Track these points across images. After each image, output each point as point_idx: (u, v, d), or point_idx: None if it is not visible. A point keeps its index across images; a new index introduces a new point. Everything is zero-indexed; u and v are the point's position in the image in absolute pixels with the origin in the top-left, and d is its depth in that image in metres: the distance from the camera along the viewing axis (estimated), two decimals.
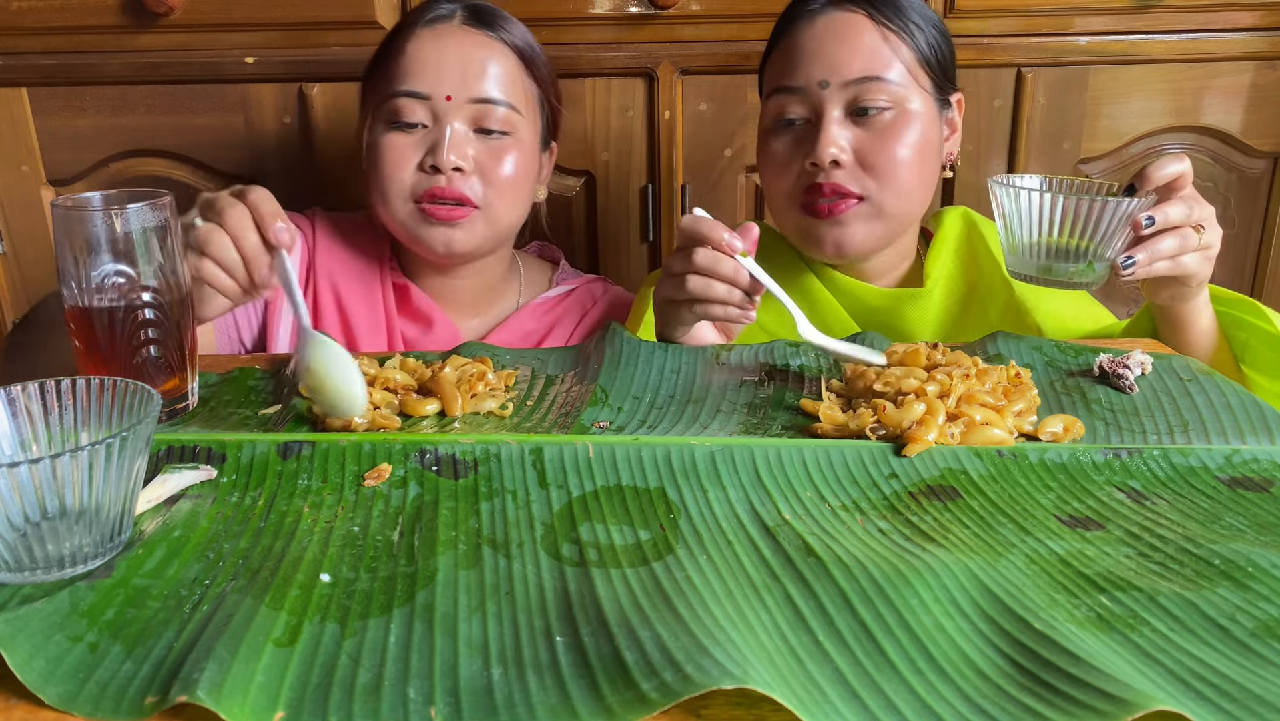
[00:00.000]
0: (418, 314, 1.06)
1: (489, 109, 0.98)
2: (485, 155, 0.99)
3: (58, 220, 0.65)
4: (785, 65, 0.96)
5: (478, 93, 0.98)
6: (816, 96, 0.93)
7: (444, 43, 0.99)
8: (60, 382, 0.53)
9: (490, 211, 1.00)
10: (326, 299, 1.05)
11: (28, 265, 1.39)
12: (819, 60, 0.93)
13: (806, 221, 0.95)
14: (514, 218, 1.04)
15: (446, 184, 0.97)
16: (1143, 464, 0.61)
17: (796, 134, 0.96)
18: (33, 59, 1.29)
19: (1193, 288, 0.82)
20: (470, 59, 0.98)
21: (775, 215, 1.02)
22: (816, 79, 0.93)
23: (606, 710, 0.38)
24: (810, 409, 0.67)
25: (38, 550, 0.47)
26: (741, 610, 0.45)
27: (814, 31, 0.95)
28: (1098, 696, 0.37)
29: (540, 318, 1.11)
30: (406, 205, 0.99)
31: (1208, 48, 1.32)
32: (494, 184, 0.99)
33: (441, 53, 0.98)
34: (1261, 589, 0.46)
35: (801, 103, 0.95)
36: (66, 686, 0.40)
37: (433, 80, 0.97)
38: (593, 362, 0.77)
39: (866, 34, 0.93)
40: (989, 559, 0.49)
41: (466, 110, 0.98)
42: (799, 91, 0.94)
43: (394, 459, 0.61)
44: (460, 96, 0.98)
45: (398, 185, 0.98)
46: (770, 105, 0.98)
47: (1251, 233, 1.41)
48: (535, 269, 1.18)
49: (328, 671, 0.41)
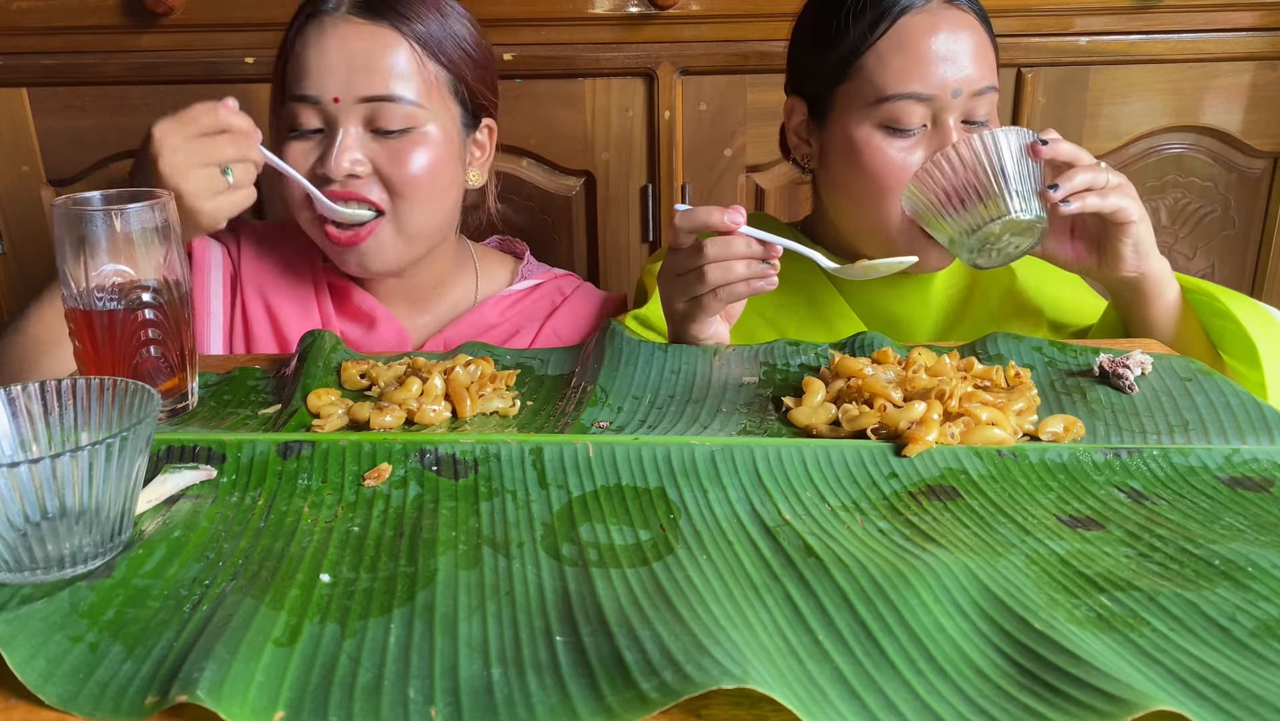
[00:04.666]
0: (359, 313, 1.01)
1: (384, 107, 0.90)
2: (385, 158, 0.92)
3: (58, 220, 0.65)
4: (909, 69, 0.90)
5: (368, 90, 0.90)
6: (945, 105, 0.90)
7: (328, 38, 0.91)
8: (60, 382, 0.53)
9: (399, 217, 0.93)
10: (256, 309, 1.01)
11: (28, 265, 1.39)
12: (951, 66, 0.89)
13: (917, 230, 0.92)
14: (433, 217, 0.96)
15: (341, 189, 0.91)
16: (1143, 464, 0.61)
17: (915, 140, 0.91)
18: (33, 59, 1.29)
19: (1144, 233, 0.85)
20: (356, 53, 0.90)
21: (868, 219, 0.95)
22: (951, 86, 0.89)
23: (606, 710, 0.38)
24: (797, 420, 0.67)
25: (38, 550, 0.47)
26: (741, 610, 0.45)
27: (939, 33, 0.89)
28: (1098, 696, 0.37)
29: (503, 312, 1.06)
30: (313, 225, 0.94)
31: (1208, 48, 1.32)
32: (397, 186, 0.92)
33: (325, 50, 0.90)
34: (1261, 589, 0.46)
35: (926, 108, 0.90)
36: (66, 686, 0.40)
37: (319, 81, 0.90)
38: (593, 362, 0.77)
39: (978, 37, 0.91)
40: (989, 559, 0.49)
41: (358, 111, 0.90)
42: (927, 99, 0.89)
43: (394, 459, 0.61)
44: (349, 96, 0.90)
45: (299, 199, 0.93)
46: (883, 111, 0.90)
47: (1251, 232, 1.42)
48: (495, 262, 1.11)
49: (328, 671, 0.41)
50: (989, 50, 0.92)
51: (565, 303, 1.08)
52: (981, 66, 0.90)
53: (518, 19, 1.28)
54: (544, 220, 1.39)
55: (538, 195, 1.37)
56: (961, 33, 0.90)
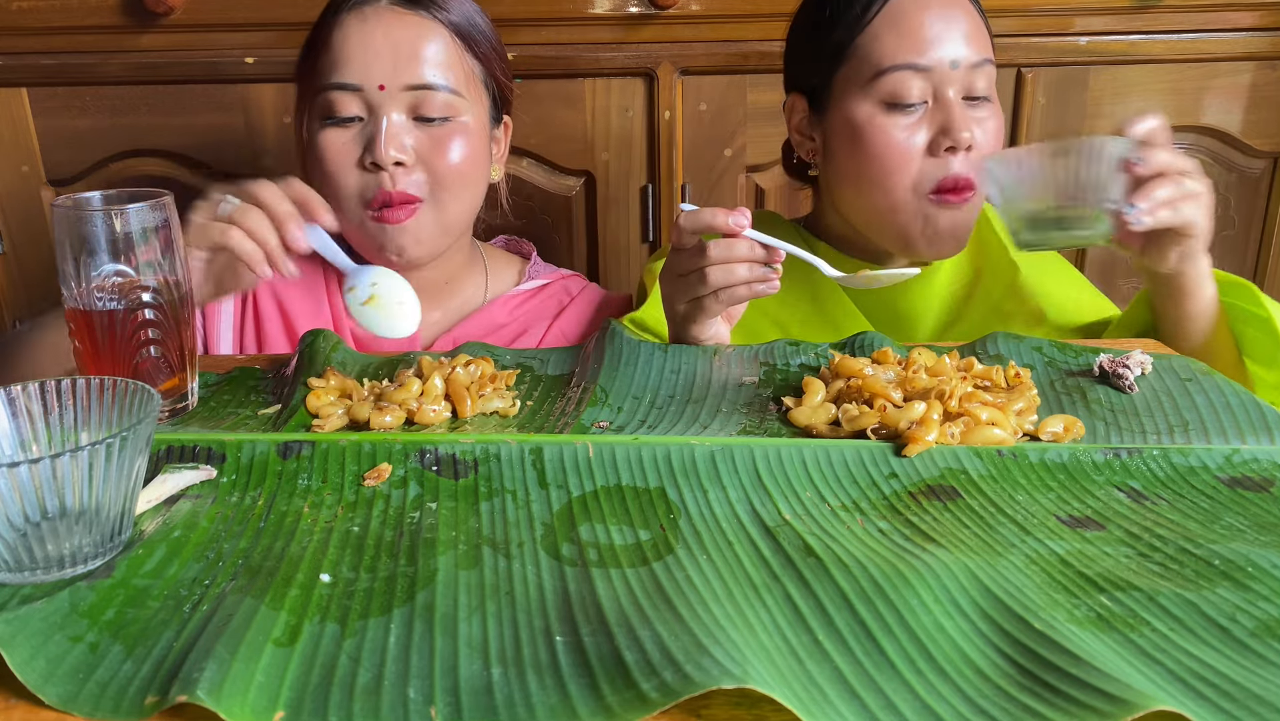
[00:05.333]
0: None
1: (427, 95, 0.93)
2: (427, 145, 0.94)
3: (58, 220, 0.65)
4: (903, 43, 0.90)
5: (412, 78, 0.92)
6: (944, 77, 0.90)
7: (371, 27, 0.93)
8: (60, 382, 0.53)
9: (438, 204, 0.95)
10: (268, 306, 1.01)
11: (28, 265, 1.39)
12: (947, 39, 0.89)
13: (927, 208, 0.92)
14: (466, 206, 0.99)
15: (391, 184, 0.92)
16: (1143, 464, 0.61)
17: (918, 116, 0.91)
18: (33, 59, 1.29)
19: (1198, 244, 0.82)
20: (400, 42, 0.92)
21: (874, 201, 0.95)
22: (950, 58, 0.89)
23: (606, 710, 0.38)
24: (797, 420, 0.67)
25: (38, 550, 0.47)
26: (741, 610, 0.45)
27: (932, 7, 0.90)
28: (1098, 696, 0.37)
29: (511, 311, 1.07)
30: (358, 212, 0.94)
31: (1208, 48, 1.32)
32: (439, 174, 0.94)
33: (369, 39, 0.92)
34: (1261, 589, 0.46)
35: (926, 82, 0.90)
36: (66, 686, 0.40)
37: (362, 69, 0.92)
38: (593, 362, 0.77)
39: (970, 12, 0.92)
40: (989, 559, 0.49)
41: (402, 99, 0.93)
42: (925, 70, 0.90)
43: (394, 459, 0.61)
44: (394, 84, 0.92)
45: (344, 188, 0.94)
46: (881, 86, 0.91)
47: (1251, 232, 1.41)
48: (502, 261, 1.13)
49: (328, 671, 0.41)
50: (982, 28, 0.93)
51: (572, 303, 1.09)
52: (976, 40, 0.91)
53: (518, 19, 1.28)
54: (544, 220, 1.39)
55: (538, 195, 1.37)
56: (952, 10, 0.91)
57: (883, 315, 1.00)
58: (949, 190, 0.92)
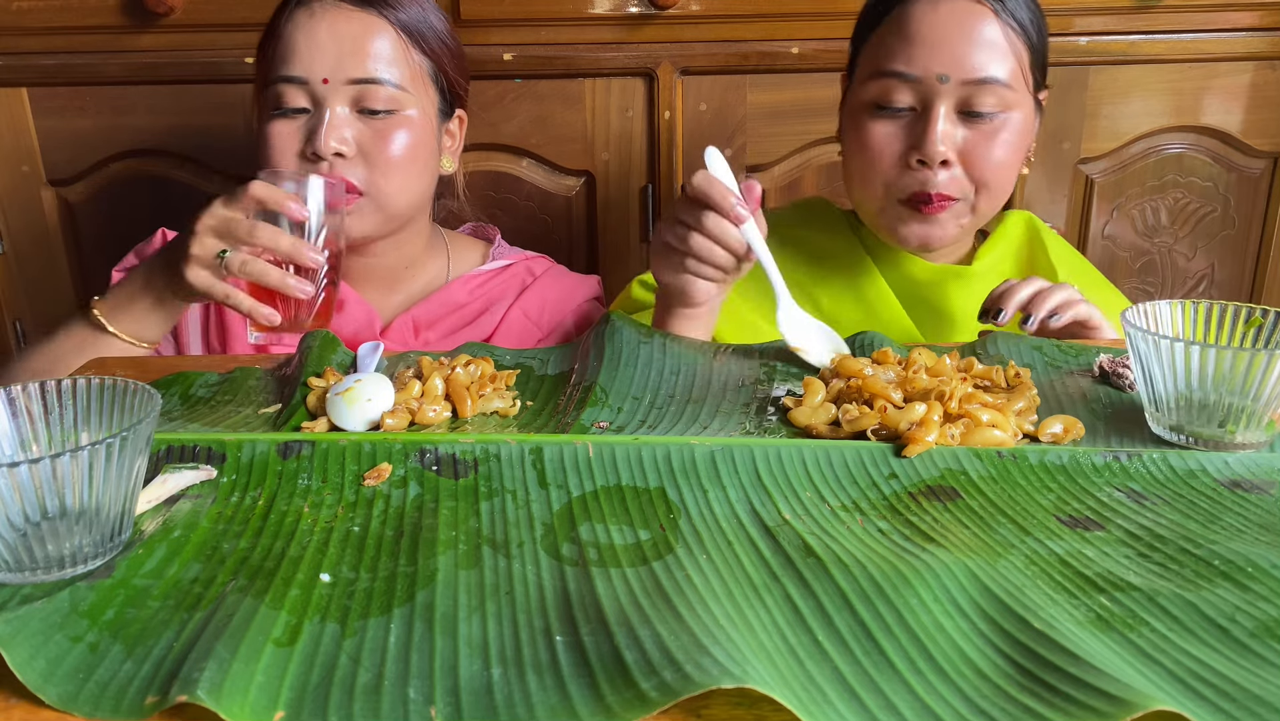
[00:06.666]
0: None
1: (370, 89, 0.96)
2: (369, 137, 0.97)
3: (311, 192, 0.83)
4: (898, 48, 0.92)
5: (356, 72, 0.96)
6: (932, 89, 0.91)
7: (317, 22, 0.96)
8: (60, 383, 0.53)
9: (379, 195, 0.98)
10: None
11: (28, 265, 1.39)
12: (941, 52, 0.90)
13: (899, 211, 0.95)
14: (408, 197, 1.01)
15: (330, 171, 0.95)
16: (1142, 465, 0.61)
17: (903, 123, 0.93)
18: (33, 59, 1.29)
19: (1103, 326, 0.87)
20: (345, 37, 0.96)
21: (859, 195, 0.99)
22: (936, 71, 0.90)
23: (606, 710, 0.38)
24: (797, 421, 0.67)
25: (38, 550, 0.47)
26: (741, 610, 0.45)
27: (938, 18, 0.91)
28: (1098, 696, 0.37)
29: (472, 291, 1.09)
30: None
31: (1208, 48, 1.32)
32: (380, 166, 0.97)
33: (315, 33, 0.96)
34: (1261, 589, 0.46)
35: (913, 91, 0.92)
36: (66, 686, 0.40)
37: (308, 63, 0.95)
38: (592, 361, 0.77)
39: (989, 29, 0.90)
40: (988, 559, 0.49)
41: (346, 91, 0.96)
42: (913, 80, 0.91)
43: (394, 459, 0.61)
44: (337, 78, 0.96)
45: None
46: (873, 87, 0.94)
47: (1251, 233, 1.41)
48: (466, 245, 1.16)
49: (328, 671, 0.41)
50: (1004, 44, 0.91)
51: (535, 283, 1.11)
52: (985, 57, 0.90)
53: (518, 19, 1.28)
54: (544, 220, 1.39)
55: (538, 195, 1.37)
56: (967, 21, 0.90)
57: (925, 314, 1.02)
58: (922, 201, 0.93)
